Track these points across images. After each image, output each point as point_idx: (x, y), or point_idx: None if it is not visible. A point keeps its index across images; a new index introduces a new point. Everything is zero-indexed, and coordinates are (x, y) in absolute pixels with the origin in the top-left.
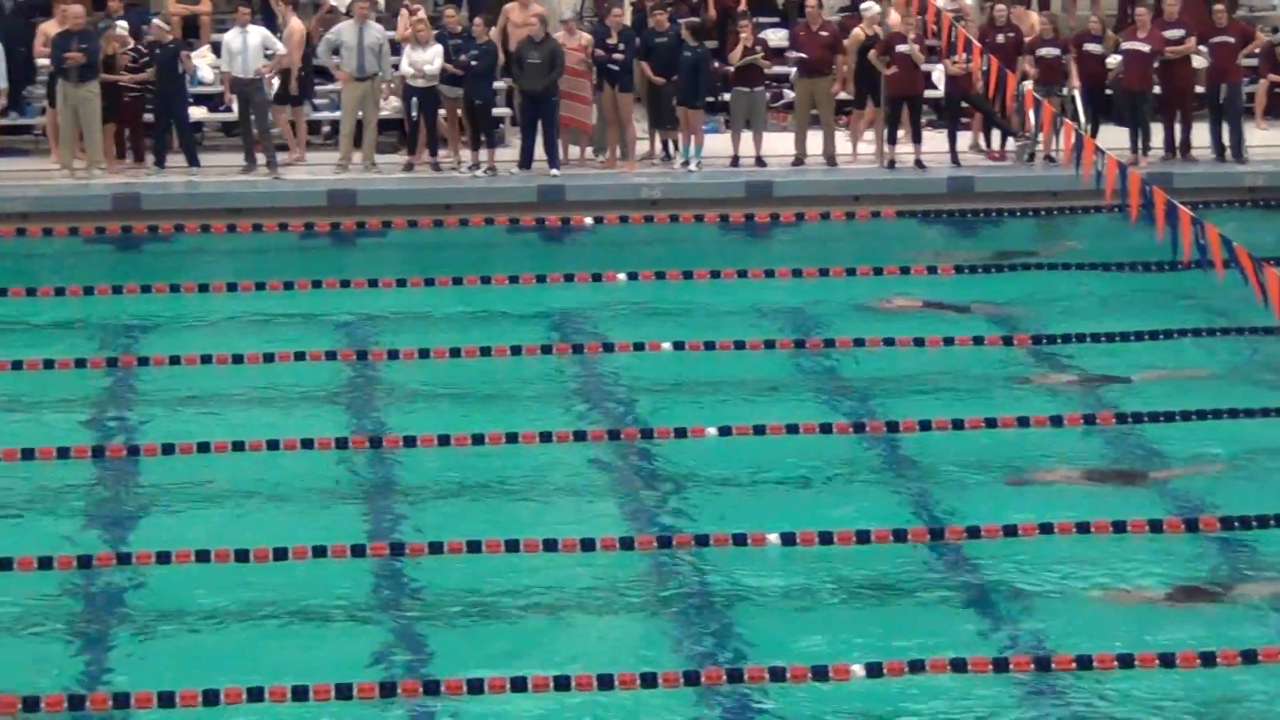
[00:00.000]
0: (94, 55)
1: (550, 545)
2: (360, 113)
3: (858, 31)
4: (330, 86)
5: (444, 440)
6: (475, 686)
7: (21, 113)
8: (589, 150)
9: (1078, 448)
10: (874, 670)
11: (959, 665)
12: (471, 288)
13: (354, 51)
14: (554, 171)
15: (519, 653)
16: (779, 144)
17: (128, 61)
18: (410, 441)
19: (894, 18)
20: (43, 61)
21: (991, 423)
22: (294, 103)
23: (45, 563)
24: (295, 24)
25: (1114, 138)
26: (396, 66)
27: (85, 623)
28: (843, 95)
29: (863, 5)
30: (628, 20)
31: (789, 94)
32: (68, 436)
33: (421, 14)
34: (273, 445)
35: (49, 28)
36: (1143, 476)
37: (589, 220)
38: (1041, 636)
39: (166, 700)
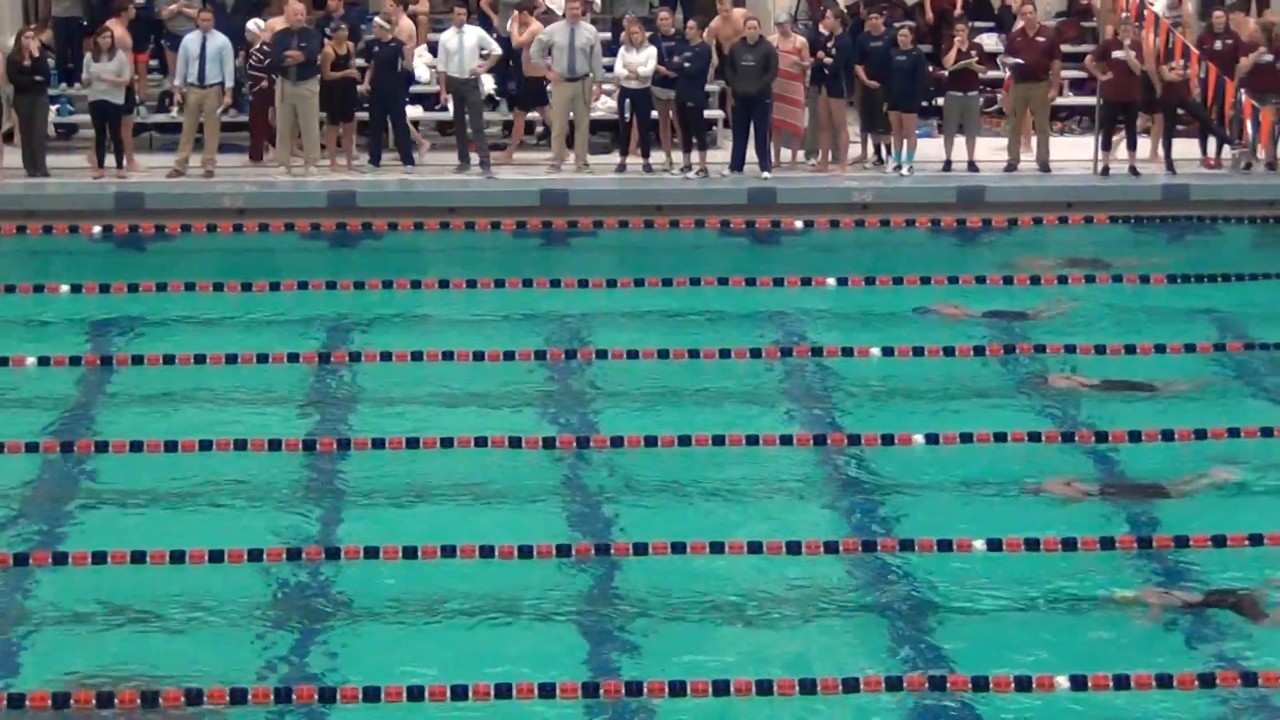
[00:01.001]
0: (313, 53)
1: (755, 548)
2: (572, 113)
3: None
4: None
5: (650, 441)
6: (677, 689)
7: (240, 109)
8: (801, 153)
9: None
10: (1079, 682)
11: (1165, 680)
12: (681, 289)
13: (565, 52)
14: (765, 174)
15: (721, 655)
16: (992, 149)
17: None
18: (617, 442)
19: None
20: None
21: (1201, 434)
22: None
23: (255, 554)
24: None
25: None
26: (609, 68)
27: (292, 616)
28: (1059, 100)
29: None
30: (842, 24)
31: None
32: (279, 429)
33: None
34: (480, 443)
35: (276, 23)
36: None
37: (799, 224)
38: (1251, 650)
39: (371, 695)
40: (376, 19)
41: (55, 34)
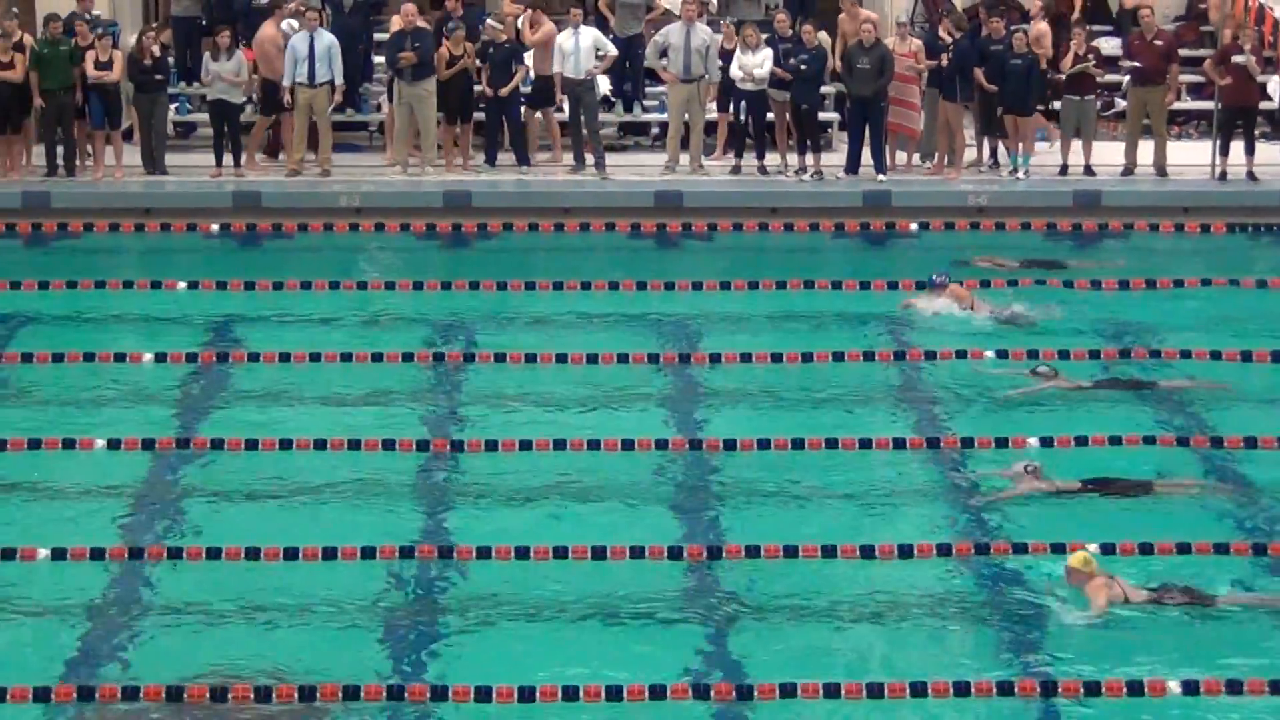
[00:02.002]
0: (427, 54)
1: (867, 551)
2: (687, 115)
3: None
4: (658, 88)
5: (763, 444)
6: (788, 691)
7: (358, 109)
8: (916, 156)
9: None
10: (1190, 688)
11: (1278, 687)
12: (795, 292)
13: (680, 53)
14: (880, 177)
15: (833, 659)
16: (1109, 153)
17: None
18: (730, 445)
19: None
20: (380, 59)
21: None
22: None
23: (368, 553)
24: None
25: None
26: (724, 69)
27: (404, 614)
28: (1177, 105)
29: None
30: (958, 27)
31: (1120, 103)
32: (393, 429)
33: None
34: (593, 445)
35: (398, 21)
36: None
37: (914, 227)
38: None
39: (482, 695)
40: (489, 20)
41: (174, 33)
